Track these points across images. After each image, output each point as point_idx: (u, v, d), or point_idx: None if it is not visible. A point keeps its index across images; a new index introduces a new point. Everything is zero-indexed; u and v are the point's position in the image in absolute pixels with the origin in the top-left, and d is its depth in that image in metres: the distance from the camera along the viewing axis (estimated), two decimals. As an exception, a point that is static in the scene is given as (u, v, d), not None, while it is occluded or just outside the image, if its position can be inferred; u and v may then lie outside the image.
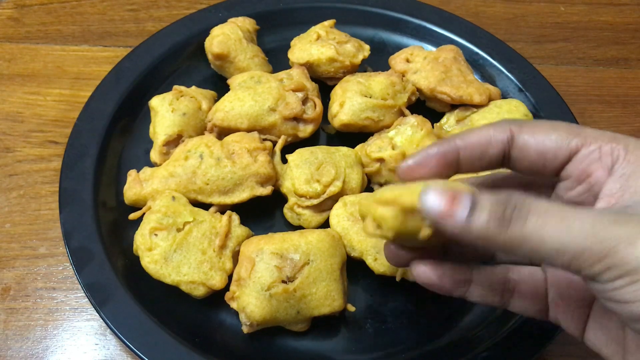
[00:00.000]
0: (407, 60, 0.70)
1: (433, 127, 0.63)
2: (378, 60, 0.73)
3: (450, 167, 0.37)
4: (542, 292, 0.39)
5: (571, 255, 0.28)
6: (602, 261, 0.28)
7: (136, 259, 0.53)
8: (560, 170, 0.36)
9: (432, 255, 0.39)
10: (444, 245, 0.42)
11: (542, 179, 0.40)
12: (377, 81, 0.65)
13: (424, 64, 0.68)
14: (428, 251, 0.39)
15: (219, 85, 0.70)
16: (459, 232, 0.31)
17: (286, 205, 0.59)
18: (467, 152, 0.37)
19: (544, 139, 0.35)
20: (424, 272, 0.37)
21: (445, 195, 0.31)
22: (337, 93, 0.65)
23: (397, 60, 0.71)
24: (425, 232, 0.32)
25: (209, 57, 0.70)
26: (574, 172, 0.36)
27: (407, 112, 0.64)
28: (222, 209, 0.57)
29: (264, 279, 0.49)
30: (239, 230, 0.55)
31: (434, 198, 0.31)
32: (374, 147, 0.61)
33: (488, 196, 0.31)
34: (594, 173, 0.35)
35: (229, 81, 0.66)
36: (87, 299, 0.52)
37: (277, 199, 0.60)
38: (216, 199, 0.57)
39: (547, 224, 0.29)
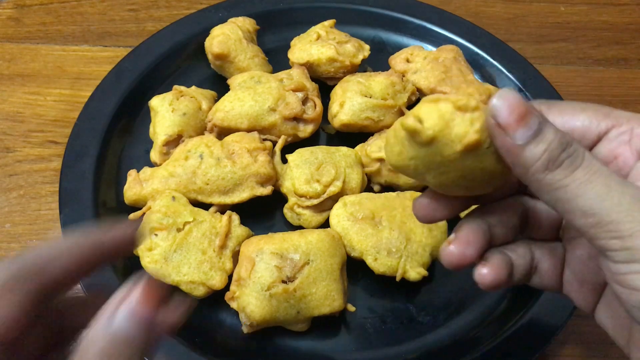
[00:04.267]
0: (407, 60, 0.70)
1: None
2: (378, 60, 0.73)
3: None
4: (559, 270, 0.38)
5: (596, 221, 0.28)
6: (622, 239, 0.28)
7: (136, 259, 0.53)
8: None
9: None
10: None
11: None
12: (377, 81, 0.65)
13: (424, 64, 0.68)
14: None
15: (219, 85, 0.70)
16: (507, 150, 0.29)
17: (286, 205, 0.59)
18: None
19: (572, 120, 0.34)
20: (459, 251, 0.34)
21: (517, 109, 0.29)
22: (337, 93, 0.65)
23: (397, 60, 0.71)
24: (471, 137, 0.30)
25: (209, 57, 0.70)
26: (601, 152, 0.35)
27: (407, 112, 0.64)
28: (222, 209, 0.57)
29: (264, 279, 0.49)
30: (239, 230, 0.55)
31: (504, 107, 0.29)
32: (374, 147, 0.61)
33: (554, 130, 0.29)
34: (622, 155, 0.34)
35: (229, 81, 0.66)
36: (87, 299, 0.52)
37: (277, 199, 0.60)
38: (216, 199, 0.57)
39: (591, 182, 0.29)
